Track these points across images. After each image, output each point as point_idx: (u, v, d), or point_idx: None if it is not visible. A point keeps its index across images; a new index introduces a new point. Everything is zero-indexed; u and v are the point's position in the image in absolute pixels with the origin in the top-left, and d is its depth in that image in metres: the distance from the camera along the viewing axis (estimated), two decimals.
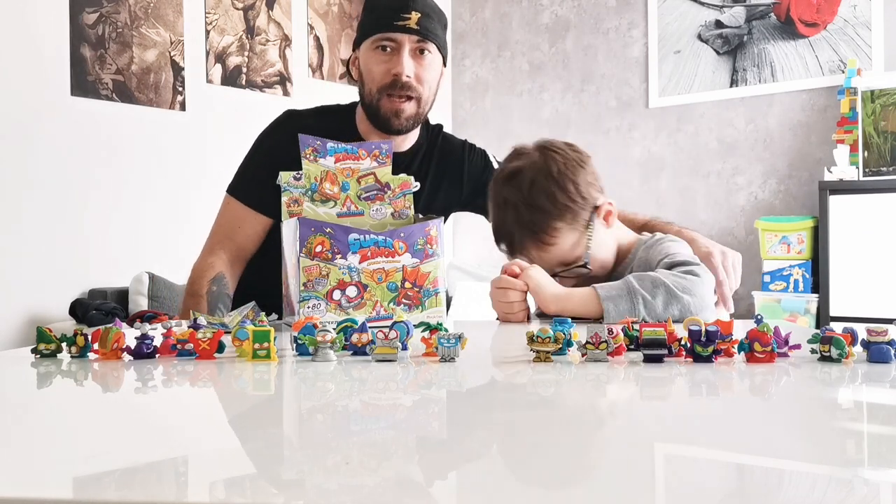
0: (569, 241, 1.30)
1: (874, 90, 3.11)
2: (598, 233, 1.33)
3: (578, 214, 1.30)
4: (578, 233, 1.30)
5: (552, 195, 1.28)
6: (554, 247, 1.30)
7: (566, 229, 1.29)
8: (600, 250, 1.33)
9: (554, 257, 1.31)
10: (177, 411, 0.65)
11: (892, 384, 0.71)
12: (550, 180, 1.28)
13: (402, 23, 1.46)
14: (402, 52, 1.48)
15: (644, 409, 0.64)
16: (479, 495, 0.41)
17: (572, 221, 1.29)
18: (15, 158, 2.84)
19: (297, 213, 1.15)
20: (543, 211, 1.28)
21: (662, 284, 1.17)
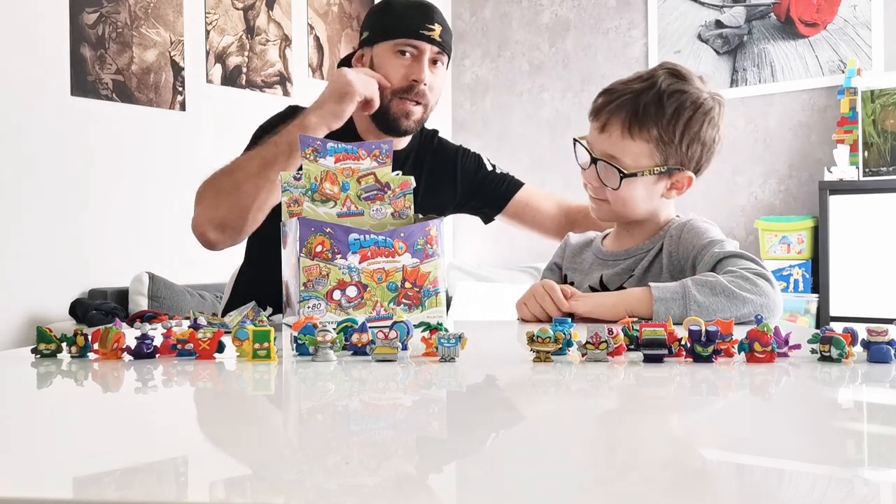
0: (636, 153, 1.21)
1: (874, 90, 3.11)
2: (653, 186, 1.24)
3: (670, 150, 1.21)
4: (647, 160, 1.21)
5: (681, 113, 1.20)
6: (625, 141, 1.20)
7: (650, 145, 1.20)
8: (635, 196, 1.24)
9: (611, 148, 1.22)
10: (177, 411, 0.65)
11: (892, 384, 0.71)
12: (694, 107, 1.20)
13: (427, 32, 1.53)
14: (422, 59, 1.54)
15: (644, 410, 0.64)
16: (480, 495, 0.41)
17: (662, 147, 1.21)
18: (15, 158, 2.84)
19: (297, 213, 1.15)
20: (661, 110, 1.19)
21: (723, 290, 1.08)
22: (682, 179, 1.25)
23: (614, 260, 1.32)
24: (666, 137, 1.20)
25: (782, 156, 3.51)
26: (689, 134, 1.21)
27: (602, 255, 1.35)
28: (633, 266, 1.29)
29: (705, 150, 1.24)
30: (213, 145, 3.36)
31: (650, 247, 1.28)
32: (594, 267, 1.34)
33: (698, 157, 1.24)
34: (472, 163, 1.75)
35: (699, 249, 1.22)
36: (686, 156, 1.23)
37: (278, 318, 1.22)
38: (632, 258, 1.29)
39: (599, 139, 1.24)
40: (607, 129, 1.23)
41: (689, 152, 1.22)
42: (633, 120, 1.20)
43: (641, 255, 1.28)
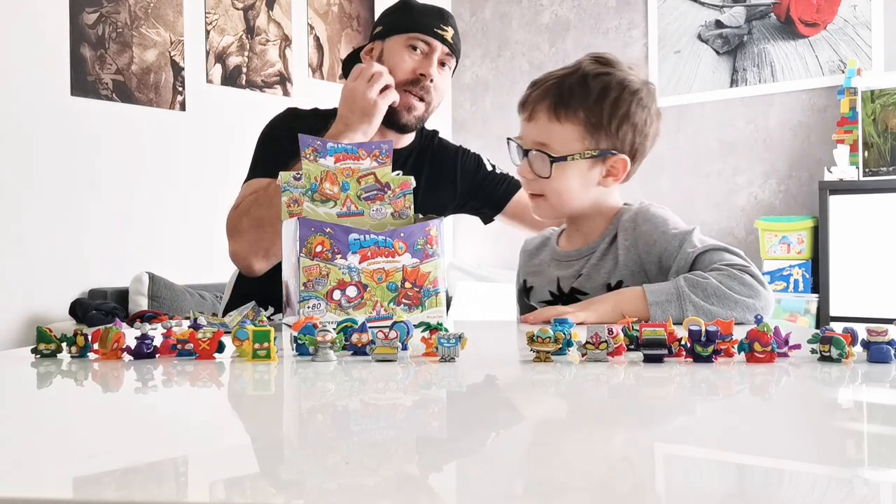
0: (565, 138, 1.18)
1: (874, 90, 3.11)
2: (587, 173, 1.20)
3: (599, 133, 1.18)
4: (577, 143, 1.18)
5: (607, 94, 1.17)
6: (552, 125, 1.18)
7: (578, 128, 1.18)
8: (570, 185, 1.20)
9: (539, 135, 1.19)
10: (177, 411, 0.65)
11: (892, 384, 0.71)
12: (620, 88, 1.19)
13: (441, 32, 1.58)
14: (433, 56, 1.58)
15: (644, 409, 0.64)
16: (480, 496, 0.41)
17: (590, 129, 1.18)
18: (15, 158, 2.84)
19: (297, 213, 1.15)
20: (586, 91, 1.17)
21: (715, 292, 1.08)
22: (617, 164, 1.21)
23: (568, 261, 1.28)
24: (594, 119, 1.17)
25: (782, 156, 3.51)
26: (618, 115, 1.18)
27: (557, 255, 1.31)
28: (582, 266, 1.25)
29: (638, 132, 1.21)
30: (213, 145, 3.36)
31: (600, 242, 1.24)
32: (551, 268, 1.31)
33: (631, 141, 1.20)
34: (471, 163, 1.76)
35: (667, 246, 1.18)
36: (617, 138, 1.19)
37: (279, 317, 1.22)
38: (583, 258, 1.26)
39: (528, 129, 1.22)
40: (534, 117, 1.20)
41: (619, 134, 1.19)
42: (558, 103, 1.18)
43: (588, 255, 1.25)
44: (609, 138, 1.19)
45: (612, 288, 1.21)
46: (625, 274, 1.20)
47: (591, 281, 1.23)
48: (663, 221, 1.20)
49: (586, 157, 1.19)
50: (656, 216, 1.21)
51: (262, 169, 1.55)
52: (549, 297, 1.29)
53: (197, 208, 3.30)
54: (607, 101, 1.18)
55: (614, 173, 1.22)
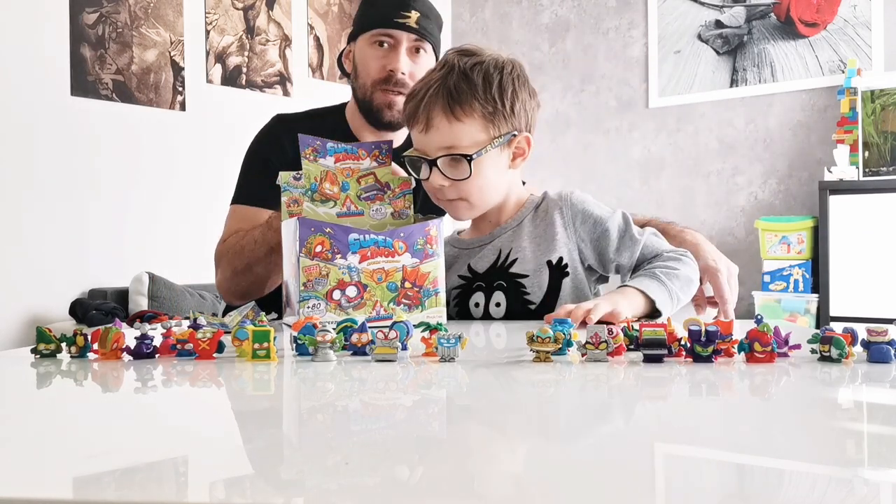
0: (470, 134, 1.18)
1: (874, 90, 3.11)
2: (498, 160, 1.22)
3: (498, 119, 1.19)
4: (482, 135, 1.19)
5: (490, 80, 1.19)
6: (453, 126, 1.17)
7: (478, 121, 1.18)
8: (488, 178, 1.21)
9: (444, 140, 1.18)
10: (177, 411, 0.65)
11: (892, 384, 0.71)
12: (498, 71, 1.20)
13: (402, 20, 1.48)
14: (399, 49, 1.50)
15: (644, 409, 0.64)
16: (479, 496, 0.41)
17: (489, 118, 1.18)
18: (15, 158, 2.84)
19: (297, 213, 1.15)
20: (474, 85, 1.18)
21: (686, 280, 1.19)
22: (521, 143, 1.24)
23: (479, 246, 1.30)
24: (490, 107, 1.18)
25: (782, 156, 3.51)
26: (508, 95, 1.19)
27: (462, 245, 1.33)
28: (498, 246, 1.28)
29: (527, 106, 1.23)
30: (213, 145, 3.36)
31: (515, 223, 1.29)
32: (458, 259, 1.32)
33: (525, 116, 1.23)
34: None
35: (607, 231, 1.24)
36: (514, 117, 1.21)
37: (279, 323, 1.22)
38: (495, 239, 1.29)
39: (428, 139, 1.20)
40: (431, 124, 1.19)
41: (514, 113, 1.21)
42: (451, 103, 1.17)
43: (510, 233, 1.28)
44: (507, 121, 1.21)
45: (555, 266, 1.25)
46: (564, 251, 1.25)
47: (529, 262, 1.26)
48: (594, 202, 1.28)
49: (495, 146, 1.20)
50: (586, 198, 1.28)
51: (247, 192, 1.55)
52: (460, 282, 1.30)
53: (197, 208, 3.30)
54: (494, 87, 1.19)
55: (520, 153, 1.25)
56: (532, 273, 1.25)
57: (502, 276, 1.26)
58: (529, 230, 1.28)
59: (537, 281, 1.25)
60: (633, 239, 1.24)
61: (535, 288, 1.25)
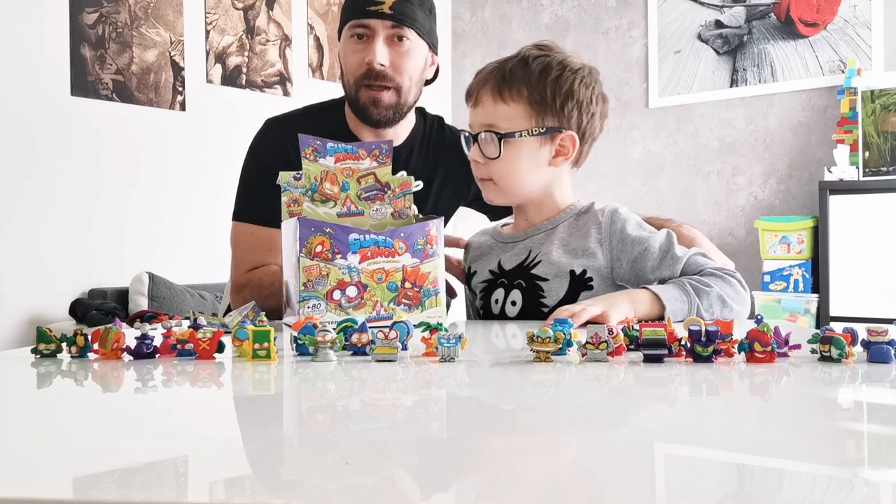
0: (510, 116, 1.19)
1: (874, 90, 3.11)
2: (536, 153, 1.21)
3: (545, 111, 1.19)
4: (523, 122, 1.19)
5: (547, 72, 1.19)
6: (497, 106, 1.20)
7: (522, 107, 1.19)
8: (519, 166, 1.21)
9: (486, 118, 1.21)
10: (177, 411, 0.65)
11: (892, 384, 0.71)
12: (561, 68, 1.20)
13: (374, 7, 1.39)
14: (375, 39, 1.41)
15: (644, 409, 0.64)
16: (479, 496, 0.41)
17: (535, 108, 1.19)
18: (15, 158, 2.84)
19: (297, 213, 1.15)
20: (528, 71, 1.19)
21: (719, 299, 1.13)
22: (565, 142, 1.22)
23: (513, 242, 1.30)
24: (537, 96, 1.19)
25: (782, 156, 3.51)
26: (561, 92, 1.19)
27: (501, 238, 1.33)
28: (529, 245, 1.27)
29: (584, 111, 1.21)
30: (213, 145, 3.36)
31: (550, 226, 1.26)
32: (493, 251, 1.33)
33: (578, 119, 1.21)
34: None
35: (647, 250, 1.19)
36: (563, 115, 1.20)
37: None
38: (528, 238, 1.28)
39: (475, 115, 1.23)
40: (479, 102, 1.22)
41: (564, 111, 1.20)
42: (501, 84, 1.20)
43: (542, 236, 1.26)
44: (555, 116, 1.20)
45: (578, 276, 1.22)
46: (592, 266, 1.22)
47: (552, 267, 1.23)
48: (637, 223, 1.24)
49: (534, 134, 1.20)
50: (630, 217, 1.24)
51: (251, 209, 1.49)
52: (488, 277, 1.31)
53: (197, 208, 3.30)
54: (549, 79, 1.19)
55: (564, 152, 1.23)
56: (552, 278, 1.23)
57: (524, 275, 1.26)
58: (562, 236, 1.25)
59: (556, 287, 1.22)
60: (675, 258, 1.19)
61: (552, 293, 1.23)
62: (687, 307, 1.12)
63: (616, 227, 1.22)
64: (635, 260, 1.20)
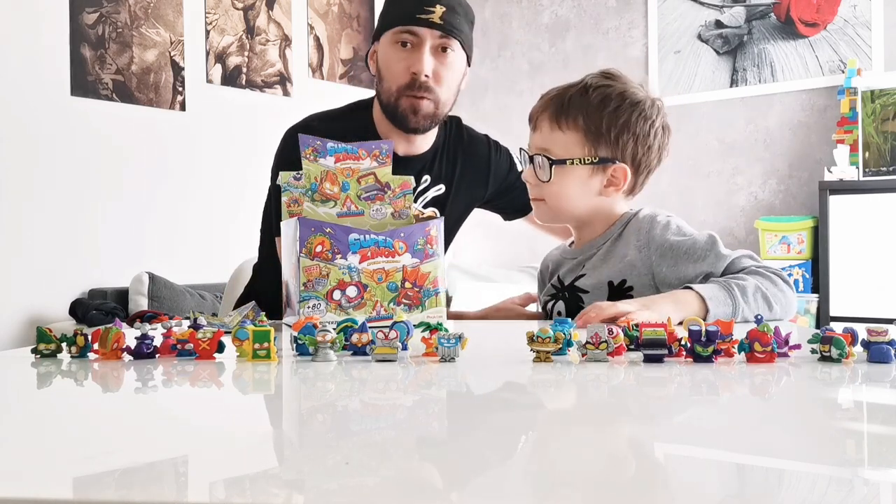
0: (565, 144, 1.22)
1: (874, 90, 3.11)
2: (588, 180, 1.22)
3: (599, 141, 1.20)
4: (578, 150, 1.21)
5: (606, 104, 1.20)
6: (554, 133, 1.22)
7: (578, 135, 1.21)
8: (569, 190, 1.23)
9: (542, 142, 1.24)
10: (177, 411, 0.65)
11: (892, 384, 0.71)
12: (620, 99, 1.21)
13: (425, 16, 1.38)
14: (422, 48, 1.40)
15: (644, 409, 0.64)
16: (479, 496, 0.41)
17: (588, 136, 1.21)
18: (15, 158, 2.84)
19: (297, 213, 1.15)
20: (586, 101, 1.21)
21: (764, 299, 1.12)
22: (617, 173, 1.23)
23: (572, 258, 1.32)
24: (593, 126, 1.20)
25: (782, 156, 3.51)
26: (617, 124, 1.20)
27: (566, 254, 1.36)
28: (584, 261, 1.28)
29: (640, 143, 1.22)
30: (213, 145, 3.36)
31: (602, 242, 1.27)
32: (560, 266, 1.35)
33: (633, 151, 1.22)
34: (504, 163, 1.66)
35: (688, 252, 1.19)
36: (617, 147, 1.21)
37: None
38: (584, 255, 1.29)
39: (533, 138, 1.27)
40: (538, 126, 1.25)
41: (619, 143, 1.21)
42: (559, 112, 1.22)
43: (593, 252, 1.28)
44: (609, 147, 1.21)
45: (616, 287, 1.22)
46: (631, 274, 1.22)
47: (592, 279, 1.25)
48: (677, 228, 1.23)
49: (586, 163, 1.22)
50: (670, 222, 1.23)
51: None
52: (552, 291, 1.33)
53: (197, 208, 3.30)
54: (606, 110, 1.20)
55: (615, 183, 1.24)
56: (592, 289, 1.24)
57: (571, 288, 1.28)
58: (607, 248, 1.26)
59: (594, 299, 1.22)
60: (719, 256, 1.18)
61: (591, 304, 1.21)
62: (731, 310, 1.10)
63: (654, 234, 1.22)
64: (676, 263, 1.19)
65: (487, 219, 1.89)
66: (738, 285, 1.13)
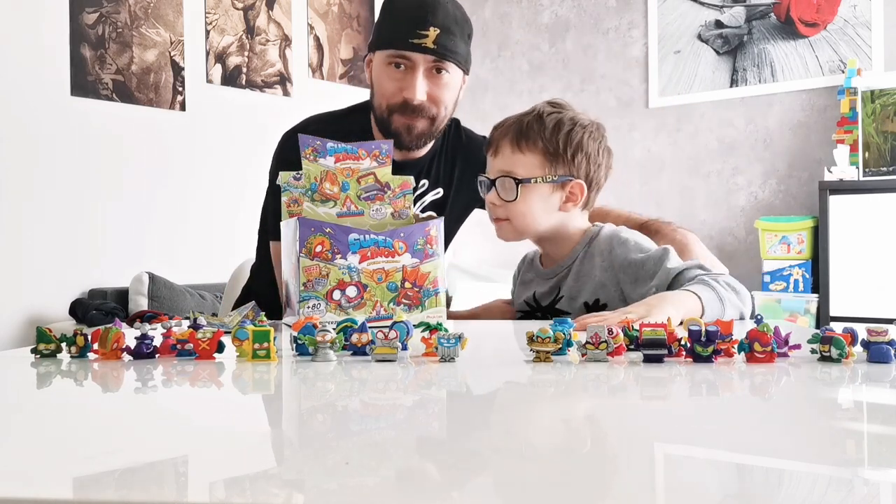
0: (527, 165, 1.29)
1: (874, 90, 3.11)
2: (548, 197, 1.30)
3: (557, 161, 1.29)
4: (538, 170, 1.29)
5: (560, 127, 1.29)
6: (515, 155, 1.30)
7: (538, 157, 1.29)
8: (533, 208, 1.30)
9: (504, 165, 1.31)
10: (177, 411, 0.65)
11: (892, 384, 0.71)
12: (572, 123, 1.30)
13: (418, 41, 1.36)
14: (416, 72, 1.38)
15: (644, 409, 0.64)
16: (479, 496, 0.41)
17: (547, 157, 1.29)
18: (15, 158, 2.84)
19: (297, 213, 1.15)
20: (543, 126, 1.29)
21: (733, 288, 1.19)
22: (574, 190, 1.31)
23: (544, 278, 1.38)
24: (551, 148, 1.29)
25: (782, 156, 3.51)
26: (572, 144, 1.30)
27: (539, 273, 1.42)
28: (559, 283, 1.35)
29: (591, 162, 1.32)
30: (213, 145, 3.36)
31: (570, 261, 1.34)
32: (533, 283, 1.41)
33: (586, 169, 1.31)
34: None
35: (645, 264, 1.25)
36: (574, 165, 1.30)
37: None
38: (556, 276, 1.36)
39: (494, 163, 1.33)
40: (499, 151, 1.33)
41: (574, 161, 1.30)
42: (519, 136, 1.30)
43: (564, 272, 1.35)
44: (566, 166, 1.30)
45: (591, 306, 1.29)
46: (603, 293, 1.29)
47: (569, 301, 1.32)
48: (636, 244, 1.30)
49: (547, 181, 1.30)
50: (629, 240, 1.31)
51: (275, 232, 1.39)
52: (525, 308, 1.40)
53: (197, 208, 3.30)
54: (561, 133, 1.30)
55: (573, 198, 1.32)
56: (574, 312, 1.30)
57: (552, 311, 1.34)
58: (577, 270, 1.33)
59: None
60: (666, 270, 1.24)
61: None
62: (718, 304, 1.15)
63: (616, 253, 1.29)
64: (636, 281, 1.26)
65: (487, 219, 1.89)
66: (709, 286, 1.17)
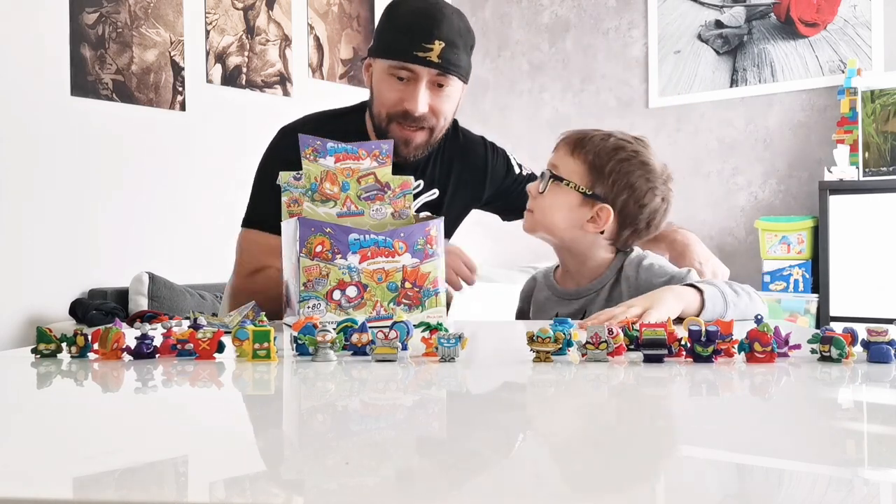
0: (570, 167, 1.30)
1: (874, 90, 3.11)
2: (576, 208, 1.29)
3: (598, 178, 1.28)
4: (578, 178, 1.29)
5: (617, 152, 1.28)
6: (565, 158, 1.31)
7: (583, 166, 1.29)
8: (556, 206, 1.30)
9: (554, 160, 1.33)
10: (177, 411, 0.65)
11: (892, 384, 0.71)
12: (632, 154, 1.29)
13: (422, 54, 1.35)
14: (418, 84, 1.38)
15: (644, 410, 0.64)
16: (479, 496, 0.41)
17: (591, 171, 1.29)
18: (15, 158, 2.84)
19: (297, 213, 1.15)
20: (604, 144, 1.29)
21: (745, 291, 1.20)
22: (602, 212, 1.28)
23: (568, 299, 1.36)
24: (598, 163, 1.28)
25: (782, 156, 3.51)
26: (620, 171, 1.28)
27: (557, 292, 1.39)
28: (585, 305, 1.33)
29: (633, 198, 1.28)
30: (213, 145, 3.36)
31: (599, 286, 1.33)
32: (550, 303, 1.39)
33: (624, 202, 1.28)
34: (501, 165, 1.65)
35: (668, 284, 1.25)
36: (612, 191, 1.28)
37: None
38: (582, 298, 1.34)
39: (550, 159, 1.35)
40: (557, 149, 1.34)
41: (614, 188, 1.28)
42: (578, 142, 1.31)
43: (592, 296, 1.33)
44: (604, 187, 1.28)
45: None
46: None
47: None
48: (660, 268, 1.29)
49: (578, 190, 1.29)
50: (653, 264, 1.30)
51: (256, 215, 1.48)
52: None
53: (197, 208, 3.30)
54: (615, 158, 1.29)
55: (597, 221, 1.29)
56: None
57: None
58: (605, 296, 1.32)
59: None
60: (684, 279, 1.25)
61: None
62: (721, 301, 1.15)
63: (642, 279, 1.28)
64: None
65: (487, 219, 1.89)
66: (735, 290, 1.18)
